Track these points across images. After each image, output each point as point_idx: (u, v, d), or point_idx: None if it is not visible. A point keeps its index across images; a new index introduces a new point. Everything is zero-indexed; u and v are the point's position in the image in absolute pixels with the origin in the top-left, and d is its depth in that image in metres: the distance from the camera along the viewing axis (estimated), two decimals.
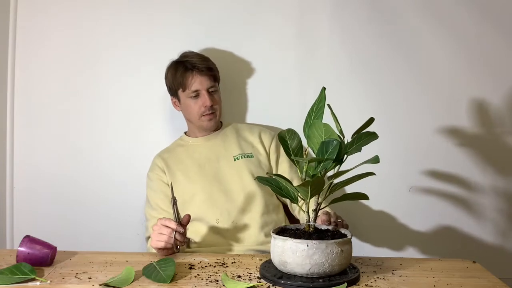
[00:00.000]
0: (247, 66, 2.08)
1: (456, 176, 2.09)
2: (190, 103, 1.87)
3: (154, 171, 1.87)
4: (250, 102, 2.12)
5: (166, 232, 1.50)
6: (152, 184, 1.86)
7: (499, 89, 2.07)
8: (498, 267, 1.54)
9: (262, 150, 1.91)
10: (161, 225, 1.51)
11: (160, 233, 1.50)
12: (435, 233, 2.10)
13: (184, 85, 1.85)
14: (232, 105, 2.10)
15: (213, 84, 1.88)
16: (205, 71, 1.85)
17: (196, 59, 1.87)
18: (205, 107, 1.85)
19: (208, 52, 2.01)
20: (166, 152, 1.93)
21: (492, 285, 1.34)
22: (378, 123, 2.04)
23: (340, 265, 1.31)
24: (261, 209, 1.80)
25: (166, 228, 1.50)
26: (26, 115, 2.10)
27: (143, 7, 2.08)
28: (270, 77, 2.10)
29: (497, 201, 2.10)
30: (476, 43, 2.07)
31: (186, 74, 1.85)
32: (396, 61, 2.08)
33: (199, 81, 1.84)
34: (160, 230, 1.50)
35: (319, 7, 2.07)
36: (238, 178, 1.82)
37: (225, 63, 2.03)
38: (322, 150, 1.30)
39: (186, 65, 1.86)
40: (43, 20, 2.09)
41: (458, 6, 2.05)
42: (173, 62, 1.91)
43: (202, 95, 1.85)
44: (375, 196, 2.09)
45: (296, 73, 2.10)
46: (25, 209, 2.10)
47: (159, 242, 1.50)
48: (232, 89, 2.09)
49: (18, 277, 1.29)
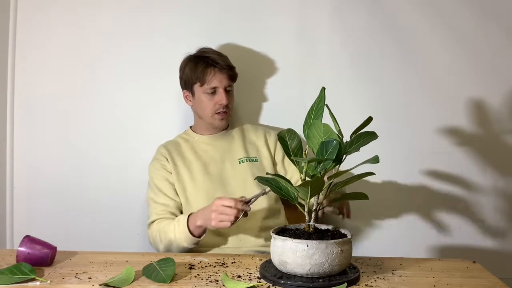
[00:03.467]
0: (247, 66, 2.08)
1: (456, 176, 2.09)
2: (205, 99, 1.85)
3: (158, 159, 1.86)
4: (251, 102, 2.12)
5: (229, 212, 1.54)
6: (156, 172, 1.85)
7: (500, 88, 2.07)
8: (498, 267, 1.54)
9: (267, 153, 1.91)
10: (222, 205, 1.55)
11: (222, 214, 1.55)
12: (435, 233, 2.10)
13: (203, 80, 1.83)
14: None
15: (231, 83, 1.87)
16: (226, 69, 1.85)
17: (217, 56, 1.86)
18: (220, 105, 1.84)
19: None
20: (170, 144, 1.92)
21: (492, 285, 1.34)
22: (378, 123, 2.05)
23: (340, 265, 1.31)
24: (263, 214, 1.80)
25: (229, 208, 1.54)
26: (26, 115, 2.10)
27: (143, 7, 2.08)
28: (270, 77, 2.10)
29: (497, 201, 2.10)
30: (477, 42, 2.07)
31: (207, 70, 1.83)
32: (396, 60, 2.08)
33: (219, 79, 1.83)
34: (223, 211, 1.55)
35: (320, 5, 2.07)
36: (242, 182, 1.82)
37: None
38: (321, 150, 1.30)
39: (208, 61, 1.84)
40: (44, 20, 2.08)
41: (459, 5, 2.05)
42: (193, 56, 1.89)
43: (219, 92, 1.84)
44: (375, 196, 2.10)
45: (296, 73, 2.10)
46: (25, 209, 2.10)
47: (222, 223, 1.55)
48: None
49: (18, 277, 1.29)
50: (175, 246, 1.68)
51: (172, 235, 1.67)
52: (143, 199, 1.92)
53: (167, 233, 1.69)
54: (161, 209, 1.78)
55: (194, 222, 1.63)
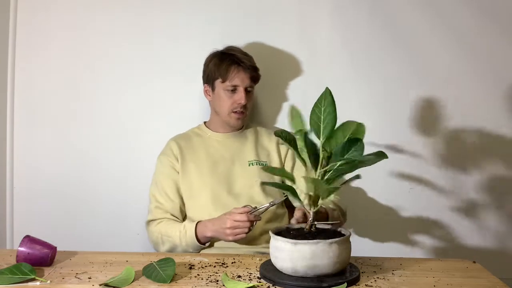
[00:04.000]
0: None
1: (456, 176, 2.09)
2: (224, 96, 1.85)
3: (168, 156, 1.86)
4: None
5: (243, 225, 1.60)
6: (163, 169, 1.85)
7: (501, 88, 2.07)
8: (498, 267, 1.54)
9: (277, 159, 1.90)
10: (234, 221, 1.60)
11: (237, 228, 1.60)
12: (435, 233, 2.10)
13: (225, 77, 1.83)
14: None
15: (252, 84, 1.87)
16: (250, 69, 1.85)
17: (243, 55, 1.86)
18: (238, 104, 1.83)
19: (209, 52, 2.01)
20: (182, 139, 1.91)
21: (492, 285, 1.34)
22: (379, 122, 2.06)
23: (340, 265, 1.31)
24: (266, 218, 1.79)
25: (241, 222, 1.59)
26: (26, 115, 2.10)
27: (144, 7, 2.08)
28: (270, 77, 2.10)
29: (497, 201, 2.10)
30: (477, 41, 2.07)
31: (231, 67, 1.83)
32: (397, 60, 2.07)
33: (241, 78, 1.83)
34: (237, 226, 1.60)
35: (320, 5, 2.07)
36: (248, 184, 1.82)
37: None
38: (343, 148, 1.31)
39: (233, 58, 1.84)
40: (44, 19, 2.08)
41: (459, 4, 2.05)
42: (219, 52, 1.90)
43: (240, 91, 1.84)
44: (376, 196, 2.11)
45: (296, 72, 2.10)
46: (25, 209, 2.10)
47: (239, 236, 1.62)
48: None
49: (18, 277, 1.29)
50: (179, 250, 1.72)
51: (177, 240, 1.71)
52: (143, 199, 1.92)
53: (172, 238, 1.72)
54: (161, 210, 1.80)
55: (203, 233, 1.69)
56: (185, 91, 2.09)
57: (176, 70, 2.09)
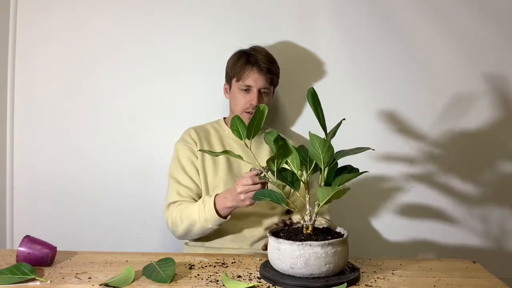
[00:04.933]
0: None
1: (456, 175, 2.09)
2: (238, 95, 1.85)
3: (186, 141, 1.85)
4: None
5: (254, 187, 1.54)
6: (183, 152, 1.82)
7: (500, 88, 2.07)
8: (498, 267, 1.54)
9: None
10: (243, 185, 1.55)
11: (248, 191, 1.54)
12: (435, 233, 2.10)
13: (239, 76, 1.83)
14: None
15: (268, 86, 1.85)
16: (265, 71, 1.83)
17: (262, 56, 1.85)
18: (250, 105, 1.82)
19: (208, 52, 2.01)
20: (199, 129, 1.90)
21: (492, 285, 1.34)
22: (379, 122, 2.06)
23: (338, 265, 1.31)
24: (267, 225, 1.79)
25: (251, 185, 1.54)
26: (26, 115, 2.10)
27: (144, 7, 2.08)
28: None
29: (497, 201, 2.10)
30: (476, 40, 2.07)
31: (245, 67, 1.83)
32: (397, 59, 2.08)
33: (254, 78, 1.82)
34: (248, 189, 1.54)
35: (320, 4, 2.07)
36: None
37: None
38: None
39: (250, 58, 1.84)
40: (44, 19, 2.08)
41: (459, 4, 2.06)
42: (240, 51, 1.89)
43: (253, 92, 1.83)
44: (375, 195, 2.11)
45: (297, 72, 2.10)
46: (25, 209, 2.10)
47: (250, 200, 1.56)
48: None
49: (18, 277, 1.29)
50: (198, 227, 1.67)
51: (196, 216, 1.66)
52: (143, 199, 1.92)
53: (190, 214, 1.68)
54: (184, 191, 1.77)
55: (224, 204, 1.63)
56: (185, 92, 2.09)
57: (176, 70, 2.09)
